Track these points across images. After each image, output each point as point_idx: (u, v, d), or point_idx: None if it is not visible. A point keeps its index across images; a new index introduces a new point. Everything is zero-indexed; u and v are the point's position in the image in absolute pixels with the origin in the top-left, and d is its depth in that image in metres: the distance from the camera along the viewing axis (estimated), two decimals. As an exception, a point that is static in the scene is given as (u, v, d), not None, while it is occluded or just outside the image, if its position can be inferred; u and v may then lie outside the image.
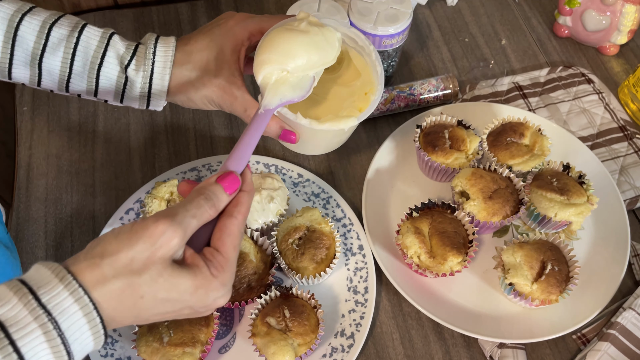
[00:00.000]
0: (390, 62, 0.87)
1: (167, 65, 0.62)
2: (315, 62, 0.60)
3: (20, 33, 0.60)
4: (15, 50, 0.61)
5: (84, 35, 0.61)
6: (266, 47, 0.59)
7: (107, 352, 0.67)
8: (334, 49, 0.62)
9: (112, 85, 0.63)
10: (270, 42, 0.59)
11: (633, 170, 0.83)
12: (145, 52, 0.61)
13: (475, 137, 0.79)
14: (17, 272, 0.68)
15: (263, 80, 0.60)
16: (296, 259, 0.69)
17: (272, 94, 0.59)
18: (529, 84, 0.91)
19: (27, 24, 0.60)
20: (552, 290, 0.67)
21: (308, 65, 0.60)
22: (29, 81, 0.63)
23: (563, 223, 0.73)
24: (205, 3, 1.00)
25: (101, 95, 0.64)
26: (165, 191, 0.73)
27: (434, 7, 1.02)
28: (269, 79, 0.59)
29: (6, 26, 0.60)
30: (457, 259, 0.69)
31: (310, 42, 0.59)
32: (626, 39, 0.93)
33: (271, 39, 0.60)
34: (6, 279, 0.64)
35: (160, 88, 0.63)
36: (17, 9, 0.61)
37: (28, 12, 0.61)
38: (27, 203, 0.79)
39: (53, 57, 0.61)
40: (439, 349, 0.71)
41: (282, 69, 0.59)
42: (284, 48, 0.58)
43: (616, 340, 0.68)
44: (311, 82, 0.61)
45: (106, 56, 0.61)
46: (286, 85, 0.59)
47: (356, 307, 0.71)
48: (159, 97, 0.64)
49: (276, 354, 0.62)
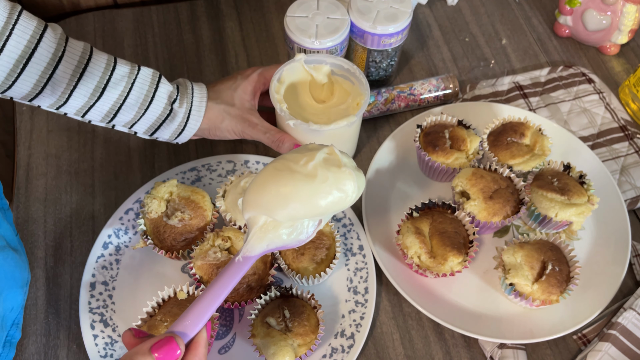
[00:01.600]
0: (389, 62, 0.87)
1: (203, 100, 0.74)
2: (317, 212, 0.52)
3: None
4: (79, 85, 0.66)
5: (141, 73, 0.69)
6: (256, 187, 0.53)
7: (106, 353, 0.67)
8: (348, 198, 0.53)
9: (155, 116, 0.71)
10: (262, 183, 0.52)
11: (634, 170, 0.83)
12: (186, 90, 0.73)
13: (476, 137, 0.79)
14: (26, 275, 0.68)
15: (249, 220, 0.53)
16: (296, 259, 0.69)
17: (256, 240, 0.52)
18: (530, 84, 0.91)
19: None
20: (552, 290, 0.67)
21: (306, 215, 0.52)
22: (74, 112, 0.69)
23: (564, 223, 0.73)
24: (205, 3, 1.00)
25: (140, 124, 0.72)
26: (164, 191, 0.72)
27: (434, 7, 1.01)
28: (256, 221, 0.53)
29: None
30: (458, 259, 0.69)
31: (312, 191, 0.51)
32: (627, 39, 0.93)
33: (264, 179, 0.53)
34: (14, 282, 0.65)
35: (196, 118, 0.74)
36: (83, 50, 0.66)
37: None
38: (27, 203, 0.79)
39: (114, 90, 0.67)
40: (439, 349, 0.71)
41: (270, 217, 0.52)
42: (273, 195, 0.51)
43: (617, 340, 0.68)
44: (315, 226, 0.54)
45: (158, 91, 0.70)
46: (278, 230, 0.52)
47: (356, 308, 0.71)
48: (192, 128, 0.74)
49: (276, 354, 0.62)
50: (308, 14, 0.80)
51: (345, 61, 0.76)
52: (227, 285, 0.51)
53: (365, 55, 0.85)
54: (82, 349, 0.69)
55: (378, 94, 0.86)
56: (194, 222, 0.72)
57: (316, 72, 0.77)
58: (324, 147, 0.54)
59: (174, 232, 0.71)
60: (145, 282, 0.73)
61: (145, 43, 0.95)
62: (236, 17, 0.99)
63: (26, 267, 0.69)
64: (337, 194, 0.52)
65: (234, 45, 0.96)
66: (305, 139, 0.75)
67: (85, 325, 0.69)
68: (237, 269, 0.52)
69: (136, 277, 0.73)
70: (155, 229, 0.72)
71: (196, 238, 0.72)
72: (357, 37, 0.82)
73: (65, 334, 0.70)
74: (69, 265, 0.75)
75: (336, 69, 0.77)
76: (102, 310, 0.70)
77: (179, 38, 0.96)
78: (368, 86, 0.74)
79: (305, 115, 0.77)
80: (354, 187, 0.53)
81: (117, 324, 0.69)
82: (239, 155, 0.81)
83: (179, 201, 0.73)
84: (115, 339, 0.68)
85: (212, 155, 0.83)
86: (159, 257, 0.74)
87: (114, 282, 0.72)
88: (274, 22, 0.99)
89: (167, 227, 0.71)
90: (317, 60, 0.76)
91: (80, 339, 0.70)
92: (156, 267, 0.74)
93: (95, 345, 0.68)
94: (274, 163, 0.54)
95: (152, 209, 0.71)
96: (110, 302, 0.71)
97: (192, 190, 0.74)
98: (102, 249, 0.73)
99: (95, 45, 0.94)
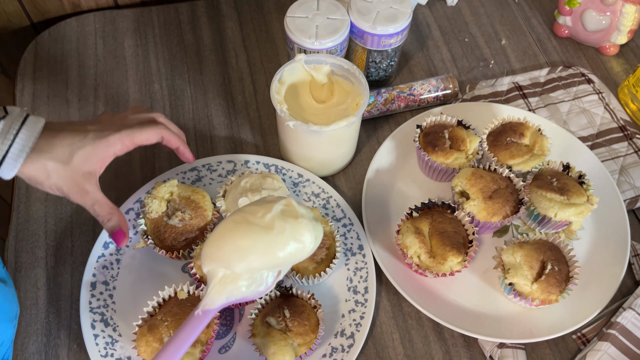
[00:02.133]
0: (389, 62, 0.87)
1: (25, 150, 0.57)
2: (275, 264, 0.53)
3: None
4: None
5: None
6: (214, 240, 0.53)
7: (107, 352, 0.67)
8: (305, 248, 0.54)
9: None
10: (220, 237, 0.53)
11: (633, 170, 0.83)
12: (9, 129, 0.57)
13: (475, 137, 0.79)
14: (14, 308, 0.68)
15: (209, 273, 0.54)
16: (296, 259, 0.69)
17: (215, 293, 0.52)
18: (529, 84, 0.91)
19: None
20: (552, 290, 0.67)
21: (264, 267, 0.53)
22: None
23: (563, 223, 0.73)
24: (205, 3, 1.01)
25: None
26: (165, 191, 0.73)
27: (434, 7, 1.02)
28: (215, 274, 0.53)
29: None
30: (457, 258, 0.69)
31: (269, 243, 0.52)
32: (626, 39, 0.93)
33: (222, 232, 0.53)
34: (3, 316, 0.63)
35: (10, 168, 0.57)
36: None
37: None
38: (27, 203, 0.79)
39: None
40: (439, 349, 0.71)
41: (228, 270, 0.53)
42: (231, 248, 0.52)
43: (616, 340, 0.68)
44: (275, 277, 0.55)
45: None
46: (237, 283, 0.53)
47: (356, 307, 0.71)
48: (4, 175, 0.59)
49: (276, 354, 0.62)
50: (308, 14, 0.80)
51: (345, 61, 0.76)
52: (187, 339, 0.52)
53: (365, 55, 0.85)
54: (83, 348, 0.69)
55: (378, 94, 0.87)
56: (194, 221, 0.72)
57: (316, 72, 0.77)
58: (282, 199, 0.56)
59: (175, 232, 0.71)
60: (146, 281, 0.73)
61: (145, 43, 0.95)
62: (236, 17, 0.99)
63: (15, 300, 0.68)
64: (294, 245, 0.53)
65: (234, 46, 0.96)
66: (305, 139, 0.75)
67: (85, 325, 0.69)
68: (197, 322, 0.53)
69: (137, 277, 0.73)
70: (155, 228, 0.72)
71: (197, 238, 0.72)
72: (357, 38, 0.83)
73: (66, 334, 0.71)
74: (70, 265, 0.75)
75: (336, 69, 0.77)
76: (103, 310, 0.70)
77: (180, 38, 0.96)
78: (367, 87, 0.74)
79: (305, 116, 0.77)
80: (311, 238, 0.54)
81: (117, 324, 0.70)
82: (240, 155, 0.81)
83: (179, 201, 0.73)
84: (116, 339, 0.69)
85: (212, 155, 0.83)
86: (160, 257, 0.74)
87: (115, 281, 0.72)
88: (274, 22, 0.99)
89: (167, 227, 0.71)
90: (317, 60, 0.77)
91: (80, 339, 0.70)
92: (157, 267, 0.74)
93: (96, 344, 0.68)
94: (232, 216, 0.55)
95: (152, 208, 0.71)
96: (111, 301, 0.71)
97: (193, 190, 0.74)
98: (103, 249, 0.74)
99: (96, 45, 0.94)
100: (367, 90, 0.74)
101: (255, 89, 0.91)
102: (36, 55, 0.93)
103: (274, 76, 0.75)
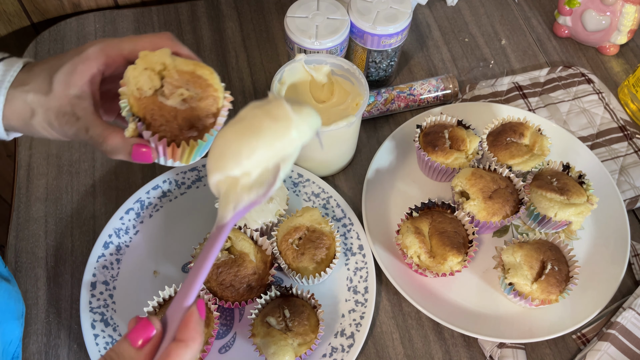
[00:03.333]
0: (389, 62, 0.87)
1: (2, 86, 0.53)
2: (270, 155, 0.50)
3: None
4: None
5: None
6: (210, 153, 0.51)
7: (107, 352, 0.67)
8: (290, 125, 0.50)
9: None
10: (212, 148, 0.51)
11: (633, 170, 0.83)
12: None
13: (475, 137, 0.79)
14: (20, 307, 0.68)
15: (216, 190, 0.52)
16: (296, 259, 0.69)
17: (223, 207, 0.51)
18: (529, 84, 0.91)
19: None
20: (552, 290, 0.67)
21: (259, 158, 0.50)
22: None
23: (563, 223, 0.73)
24: (205, 3, 1.01)
25: None
26: (155, 61, 0.53)
27: (434, 7, 1.02)
28: (220, 188, 0.51)
29: None
30: (457, 258, 0.69)
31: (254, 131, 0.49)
32: (626, 39, 0.93)
33: (214, 144, 0.51)
34: (10, 314, 0.63)
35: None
36: None
37: None
38: (28, 203, 0.80)
39: None
40: (439, 348, 0.71)
41: (227, 175, 0.50)
42: (221, 150, 0.50)
43: (616, 340, 0.68)
44: (275, 174, 0.51)
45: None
46: (238, 190, 0.51)
47: (356, 307, 0.71)
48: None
49: (276, 354, 0.62)
50: (308, 14, 0.80)
51: (345, 61, 0.76)
52: (209, 257, 0.49)
53: (365, 55, 0.85)
54: (83, 348, 0.69)
55: (378, 94, 0.87)
56: (203, 103, 0.54)
57: (316, 72, 0.77)
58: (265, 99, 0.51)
59: (178, 117, 0.54)
60: (146, 281, 0.73)
61: (145, 43, 0.95)
62: (236, 17, 0.99)
63: (20, 299, 0.68)
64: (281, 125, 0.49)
65: (234, 46, 0.96)
66: None
67: (86, 325, 0.69)
68: (213, 240, 0.50)
69: (137, 277, 0.73)
70: (148, 113, 0.53)
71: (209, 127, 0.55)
72: (357, 38, 0.83)
73: (66, 334, 0.71)
74: (70, 264, 0.75)
75: (336, 69, 0.77)
76: (103, 310, 0.70)
77: (180, 38, 0.96)
78: (367, 87, 0.74)
79: None
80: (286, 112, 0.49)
81: (117, 324, 0.70)
82: (239, 155, 0.81)
83: (178, 76, 0.53)
84: (116, 339, 0.69)
85: (213, 155, 0.83)
86: (160, 257, 0.74)
87: (115, 281, 0.72)
88: (274, 22, 0.99)
89: (165, 110, 0.53)
90: (317, 60, 0.77)
91: (80, 339, 0.70)
92: (157, 267, 0.74)
93: (96, 344, 0.68)
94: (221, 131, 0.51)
95: (141, 84, 0.52)
96: (111, 301, 0.71)
97: (196, 64, 0.54)
98: (103, 249, 0.74)
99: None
100: (367, 90, 0.74)
101: (255, 89, 0.91)
102: (36, 55, 0.93)
103: (274, 76, 0.75)
